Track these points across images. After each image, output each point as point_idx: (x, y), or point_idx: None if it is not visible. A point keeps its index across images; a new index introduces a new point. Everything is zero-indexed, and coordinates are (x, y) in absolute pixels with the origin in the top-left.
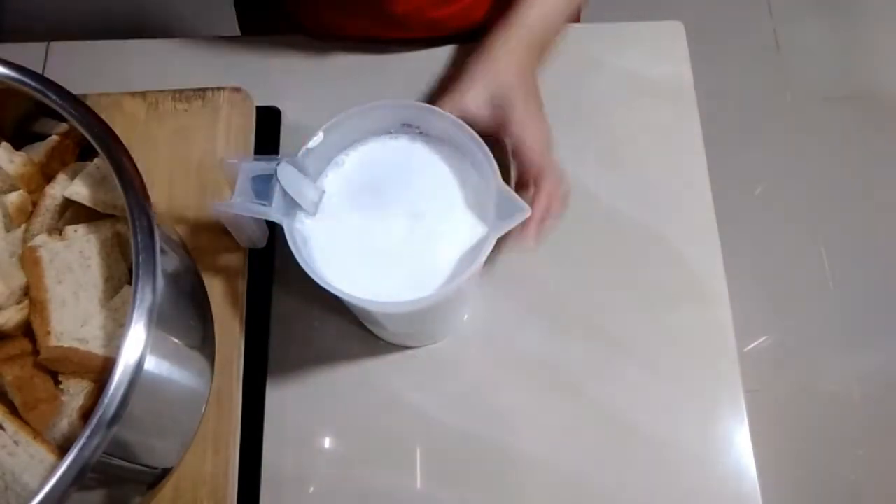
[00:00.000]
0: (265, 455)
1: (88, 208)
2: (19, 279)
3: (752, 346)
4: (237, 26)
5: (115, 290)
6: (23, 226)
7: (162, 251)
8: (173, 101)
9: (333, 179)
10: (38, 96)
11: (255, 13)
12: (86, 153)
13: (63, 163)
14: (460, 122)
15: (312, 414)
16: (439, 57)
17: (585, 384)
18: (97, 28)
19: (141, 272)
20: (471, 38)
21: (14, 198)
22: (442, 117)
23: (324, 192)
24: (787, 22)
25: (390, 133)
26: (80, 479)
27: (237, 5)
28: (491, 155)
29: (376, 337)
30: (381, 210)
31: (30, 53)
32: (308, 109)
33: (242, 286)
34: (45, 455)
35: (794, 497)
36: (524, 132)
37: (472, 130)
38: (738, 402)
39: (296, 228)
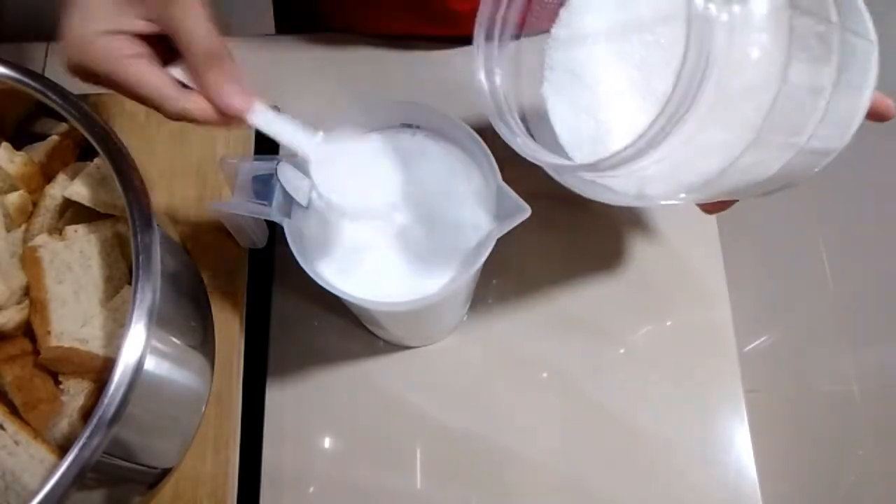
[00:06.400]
0: (265, 455)
1: (88, 208)
2: (19, 279)
3: (752, 346)
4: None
5: (115, 290)
6: (23, 226)
7: (162, 251)
8: None
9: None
10: (38, 96)
11: (291, 12)
12: (86, 153)
13: (63, 163)
14: (459, 120)
15: (312, 414)
16: (441, 56)
17: (585, 384)
18: None
19: (141, 272)
20: None
21: (14, 198)
22: (441, 116)
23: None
24: None
25: (391, 132)
26: (80, 479)
27: (275, 5)
28: (490, 153)
29: (376, 337)
30: (381, 210)
31: (30, 53)
32: (308, 109)
33: (242, 286)
34: (45, 455)
35: (794, 497)
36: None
37: (470, 129)
38: (738, 402)
39: (296, 228)
